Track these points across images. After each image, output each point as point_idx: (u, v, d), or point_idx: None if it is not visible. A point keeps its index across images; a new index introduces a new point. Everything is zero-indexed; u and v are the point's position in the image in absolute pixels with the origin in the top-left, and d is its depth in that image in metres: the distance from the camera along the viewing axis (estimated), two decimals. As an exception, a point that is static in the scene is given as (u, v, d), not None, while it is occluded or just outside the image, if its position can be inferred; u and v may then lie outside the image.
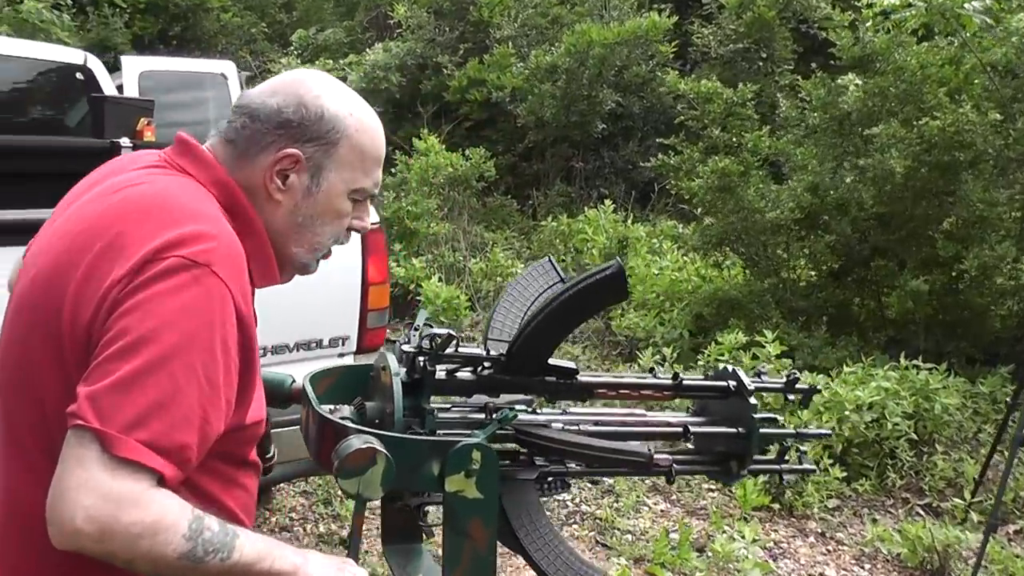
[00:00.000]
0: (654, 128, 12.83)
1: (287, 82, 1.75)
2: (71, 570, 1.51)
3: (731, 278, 8.52)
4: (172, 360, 1.44)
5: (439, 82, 14.51)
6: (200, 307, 1.49)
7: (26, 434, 1.59)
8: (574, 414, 2.10)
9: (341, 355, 4.34)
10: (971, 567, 4.70)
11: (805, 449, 2.33)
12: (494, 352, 1.96)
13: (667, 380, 2.12)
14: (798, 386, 2.19)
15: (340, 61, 15.83)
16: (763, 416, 2.14)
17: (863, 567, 5.04)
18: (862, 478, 5.82)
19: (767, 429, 2.16)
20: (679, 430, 2.11)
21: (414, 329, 2.00)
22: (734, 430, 2.09)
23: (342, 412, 1.90)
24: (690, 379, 2.15)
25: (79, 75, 6.46)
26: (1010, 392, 5.84)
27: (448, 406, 2.01)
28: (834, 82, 7.88)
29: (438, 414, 1.92)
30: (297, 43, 18.26)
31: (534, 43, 14.19)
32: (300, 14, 21.16)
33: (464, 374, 1.96)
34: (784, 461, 2.24)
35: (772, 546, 5.22)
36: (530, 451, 1.98)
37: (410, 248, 10.74)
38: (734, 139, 8.53)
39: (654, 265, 9.11)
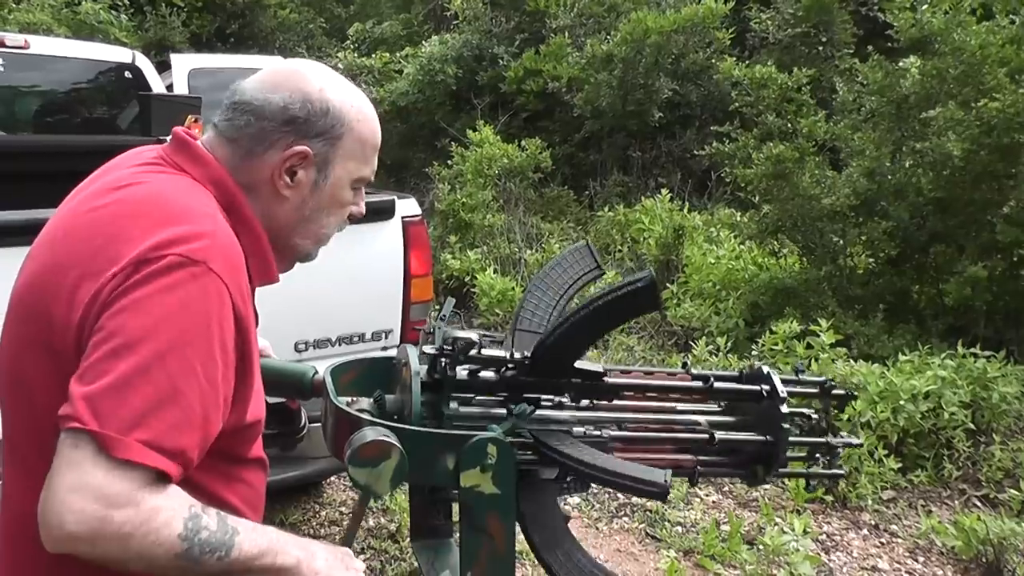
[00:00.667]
0: (712, 116, 12.68)
1: (285, 75, 1.71)
2: (67, 572, 1.49)
3: (787, 266, 8.41)
4: (169, 358, 1.41)
5: (495, 73, 14.56)
6: (197, 305, 1.46)
7: (20, 434, 1.58)
8: (599, 409, 2.04)
9: (384, 348, 4.31)
10: (1027, 560, 4.61)
11: (840, 451, 2.25)
12: (518, 355, 1.92)
13: (698, 383, 2.09)
14: (835, 392, 2.16)
15: (397, 54, 15.94)
16: (794, 411, 2.11)
17: (917, 560, 4.94)
18: (918, 469, 5.71)
19: (796, 438, 2.13)
20: (705, 437, 2.06)
21: (440, 318, 1.99)
22: (762, 438, 2.06)
23: (360, 404, 1.88)
24: (721, 381, 2.11)
25: (128, 74, 6.54)
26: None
27: (470, 397, 1.97)
28: (893, 65, 7.73)
29: (459, 408, 1.89)
30: (354, 37, 18.38)
31: (590, 32, 14.18)
32: (357, 8, 21.35)
33: (487, 374, 1.93)
34: (814, 462, 2.20)
35: (824, 538, 5.14)
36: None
37: (465, 240, 10.77)
38: (789, 125, 8.41)
39: (710, 254, 9.03)
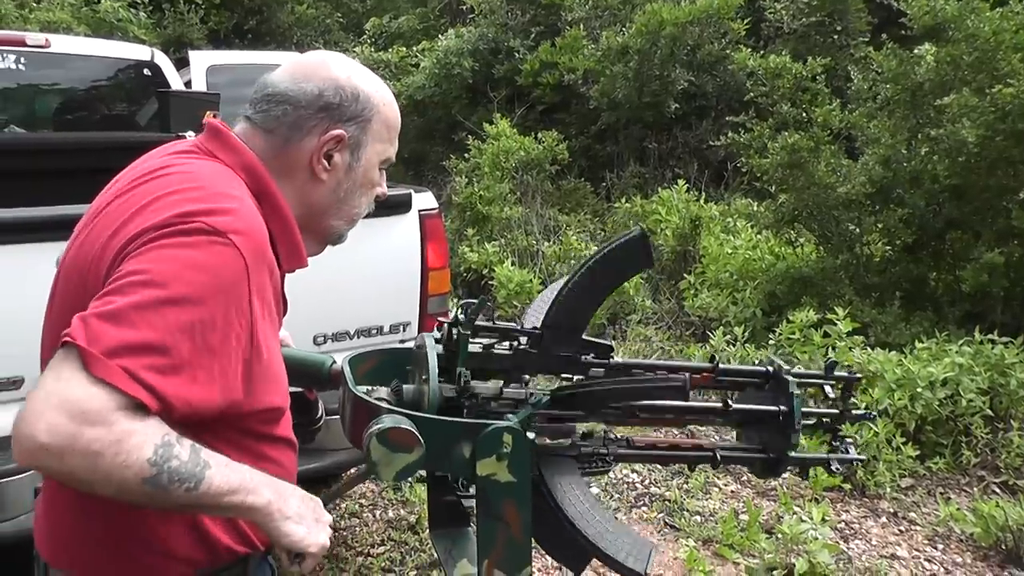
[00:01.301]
0: (728, 106, 12.70)
1: (314, 66, 1.81)
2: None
3: (804, 255, 8.40)
4: (171, 308, 1.45)
5: (511, 66, 14.59)
6: (212, 270, 1.51)
7: None
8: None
9: (402, 341, 4.30)
10: (1046, 546, 4.62)
11: (851, 441, 2.28)
12: (528, 325, 1.98)
13: (704, 364, 2.12)
14: (837, 372, 2.17)
15: (413, 48, 15.96)
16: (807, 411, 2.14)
17: (936, 547, 4.94)
18: (936, 456, 5.70)
19: (809, 408, 2.14)
20: (718, 405, 2.10)
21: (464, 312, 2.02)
22: (775, 408, 2.08)
23: (378, 393, 1.92)
24: (727, 365, 2.14)
25: (147, 71, 6.59)
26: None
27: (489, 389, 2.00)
28: (908, 52, 7.71)
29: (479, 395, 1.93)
30: (371, 31, 18.41)
31: (606, 24, 14.18)
32: (374, 3, 21.34)
33: (500, 349, 1.97)
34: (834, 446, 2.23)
35: (843, 526, 5.15)
36: (570, 410, 1.99)
37: (483, 233, 10.80)
38: (804, 114, 8.41)
39: (727, 244, 9.03)
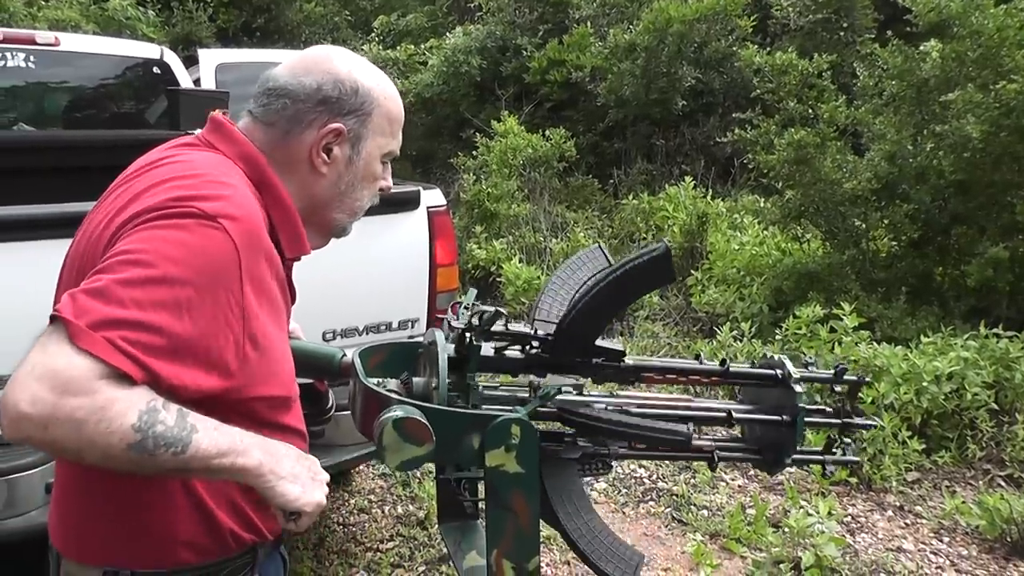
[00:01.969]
0: (735, 103, 12.68)
1: (315, 60, 1.84)
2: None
3: (811, 251, 8.42)
4: (157, 287, 1.47)
5: (519, 64, 14.59)
6: (200, 252, 1.53)
7: None
8: (620, 396, 2.11)
9: (411, 337, 4.33)
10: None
11: (849, 441, 2.30)
12: (542, 332, 1.99)
13: (715, 366, 2.13)
14: (846, 377, 2.18)
15: (421, 46, 15.98)
16: (811, 407, 2.15)
17: (942, 540, 4.98)
18: (942, 450, 5.74)
19: (813, 418, 2.17)
20: (723, 415, 2.13)
21: (464, 308, 2.04)
22: (778, 417, 2.10)
23: (388, 385, 1.95)
24: (737, 366, 2.15)
25: (156, 69, 6.63)
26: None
27: (496, 384, 2.04)
28: (913, 49, 7.72)
29: (484, 391, 1.96)
30: (379, 29, 18.44)
31: (613, 22, 14.18)
32: (382, 1, 21.33)
33: (512, 353, 2.00)
34: (831, 452, 2.26)
35: (849, 520, 5.18)
36: (573, 430, 2.01)
37: (491, 230, 10.82)
38: (810, 111, 8.43)
39: (734, 240, 9.06)
